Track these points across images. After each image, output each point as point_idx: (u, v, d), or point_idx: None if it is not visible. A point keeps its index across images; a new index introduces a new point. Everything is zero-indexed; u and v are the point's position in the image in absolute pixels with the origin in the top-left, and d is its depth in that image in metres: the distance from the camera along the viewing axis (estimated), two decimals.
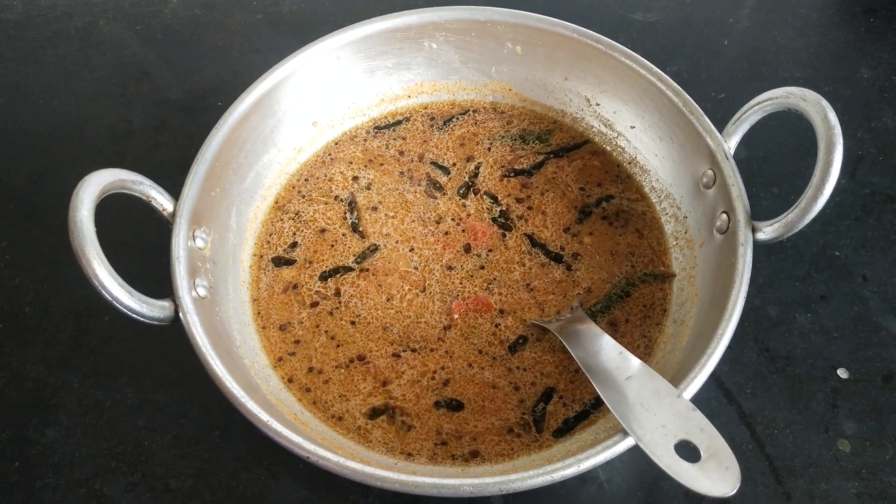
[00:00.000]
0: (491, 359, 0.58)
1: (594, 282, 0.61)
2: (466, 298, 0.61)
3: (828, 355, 0.61)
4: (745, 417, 0.58)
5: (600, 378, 0.51)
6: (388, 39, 0.69)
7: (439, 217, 0.66)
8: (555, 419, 0.55)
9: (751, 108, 0.56)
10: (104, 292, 0.47)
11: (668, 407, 0.46)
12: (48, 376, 0.62)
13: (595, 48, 0.66)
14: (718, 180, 0.58)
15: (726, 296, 0.51)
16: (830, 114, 0.50)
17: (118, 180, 0.51)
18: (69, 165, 0.75)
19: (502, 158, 0.69)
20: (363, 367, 0.58)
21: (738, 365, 0.61)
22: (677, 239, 0.63)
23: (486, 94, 0.73)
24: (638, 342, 0.58)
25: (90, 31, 0.88)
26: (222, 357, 0.50)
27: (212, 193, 0.59)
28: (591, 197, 0.66)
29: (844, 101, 0.77)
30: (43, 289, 0.66)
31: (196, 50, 0.85)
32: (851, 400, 0.59)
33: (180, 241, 0.54)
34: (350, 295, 0.61)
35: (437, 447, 0.54)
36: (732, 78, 0.80)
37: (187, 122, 0.79)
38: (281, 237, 0.65)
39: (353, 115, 0.72)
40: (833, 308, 0.64)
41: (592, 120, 0.70)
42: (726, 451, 0.43)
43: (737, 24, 0.85)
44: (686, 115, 0.60)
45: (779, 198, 0.70)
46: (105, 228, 0.49)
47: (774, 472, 0.56)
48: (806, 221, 0.51)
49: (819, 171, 0.50)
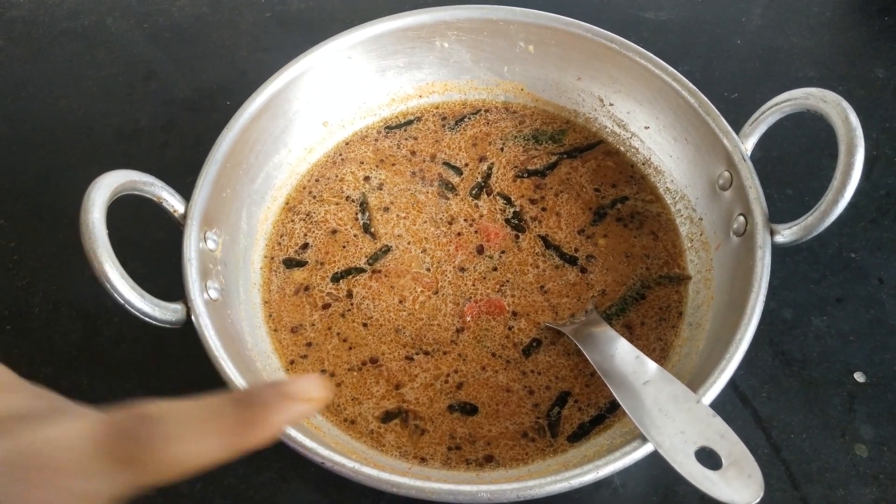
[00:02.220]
0: (505, 362, 0.57)
1: (609, 284, 0.61)
2: (479, 301, 0.60)
3: (844, 359, 0.60)
4: (761, 422, 0.58)
5: (617, 382, 0.50)
6: (399, 39, 0.68)
7: (452, 218, 0.65)
8: (570, 423, 0.54)
9: (769, 109, 0.55)
10: (116, 296, 0.46)
11: (687, 412, 0.45)
12: (57, 378, 0.61)
13: (609, 48, 0.65)
14: (735, 182, 0.57)
15: (744, 300, 0.51)
16: (851, 115, 0.50)
17: (129, 181, 0.51)
18: (77, 165, 0.75)
19: (515, 159, 0.68)
20: (376, 369, 0.57)
21: (753, 368, 0.60)
22: (692, 241, 0.62)
23: (498, 94, 0.72)
24: (653, 345, 0.58)
25: (97, 29, 0.87)
26: (234, 360, 0.50)
27: (222, 195, 0.59)
28: (606, 198, 0.66)
29: (859, 101, 0.75)
30: (51, 289, 0.66)
31: (204, 48, 0.85)
32: (868, 404, 0.58)
33: (192, 244, 0.53)
34: (362, 297, 0.61)
35: (450, 451, 0.53)
36: (745, 77, 0.79)
37: (195, 122, 0.78)
38: (292, 238, 0.64)
39: (364, 115, 0.71)
40: (849, 311, 0.63)
41: (606, 120, 0.69)
42: (748, 459, 0.42)
43: (749, 23, 0.85)
44: (702, 116, 0.60)
45: (793, 199, 0.69)
46: (114, 229, 0.48)
47: (791, 477, 0.55)
48: (825, 224, 0.51)
49: (840, 173, 0.49)
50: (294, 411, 0.28)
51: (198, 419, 0.26)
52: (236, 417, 0.27)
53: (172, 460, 0.25)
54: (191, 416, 0.26)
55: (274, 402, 0.27)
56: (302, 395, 0.28)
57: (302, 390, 0.28)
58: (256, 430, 0.27)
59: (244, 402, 0.27)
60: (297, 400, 0.28)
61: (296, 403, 0.28)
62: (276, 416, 0.27)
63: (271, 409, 0.27)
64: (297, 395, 0.28)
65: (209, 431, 0.26)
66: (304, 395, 0.28)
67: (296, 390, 0.28)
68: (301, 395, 0.28)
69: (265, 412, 0.27)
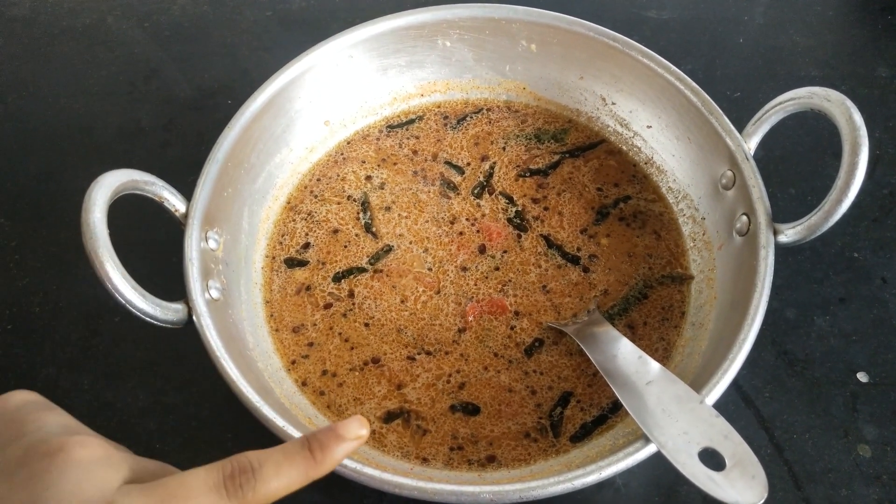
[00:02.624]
0: (507, 362, 0.57)
1: (611, 284, 0.61)
2: (481, 300, 0.60)
3: (847, 358, 0.60)
4: (764, 422, 0.58)
5: (619, 382, 0.50)
6: (401, 37, 0.68)
7: (453, 217, 0.65)
8: (572, 424, 0.54)
9: (772, 108, 0.55)
10: (118, 296, 0.46)
11: (690, 413, 0.45)
12: (58, 378, 0.61)
13: (611, 46, 0.65)
14: (738, 182, 0.57)
15: (748, 300, 0.51)
16: (856, 115, 0.50)
17: (131, 181, 0.51)
18: (77, 164, 0.74)
19: (517, 158, 0.68)
20: (377, 369, 0.57)
21: (756, 368, 0.60)
22: (695, 240, 0.62)
23: (500, 93, 0.72)
24: (656, 345, 0.57)
25: (98, 28, 0.87)
26: (236, 360, 0.49)
27: (224, 194, 0.58)
28: (609, 198, 0.65)
29: (861, 100, 0.75)
30: (52, 289, 0.66)
31: (205, 47, 0.84)
32: (871, 404, 0.58)
33: (193, 243, 0.53)
34: (364, 296, 0.60)
35: (452, 452, 0.53)
36: (747, 76, 0.79)
37: (196, 121, 0.78)
38: (293, 238, 0.64)
39: (366, 114, 0.71)
40: (852, 310, 0.63)
41: (608, 119, 0.69)
42: (752, 460, 0.42)
43: (751, 22, 0.84)
44: (705, 115, 0.59)
45: (796, 198, 0.69)
46: (115, 228, 0.48)
47: (794, 477, 0.55)
48: (829, 224, 0.50)
49: (844, 173, 0.49)
50: (347, 448, 0.38)
51: (282, 461, 0.36)
52: (305, 457, 0.36)
53: (265, 493, 0.35)
54: (276, 461, 0.36)
55: (332, 443, 0.37)
56: (351, 435, 0.38)
57: (351, 431, 0.38)
58: (321, 466, 0.37)
59: (311, 445, 0.37)
60: (347, 439, 0.38)
61: (345, 442, 0.38)
62: (335, 453, 0.37)
63: (330, 450, 0.37)
64: (347, 436, 0.38)
65: (288, 470, 0.36)
66: (352, 435, 0.38)
67: (346, 432, 0.38)
68: (350, 435, 0.38)
69: (324, 451, 0.37)
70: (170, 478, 0.34)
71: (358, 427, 0.38)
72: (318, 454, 0.37)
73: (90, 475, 0.33)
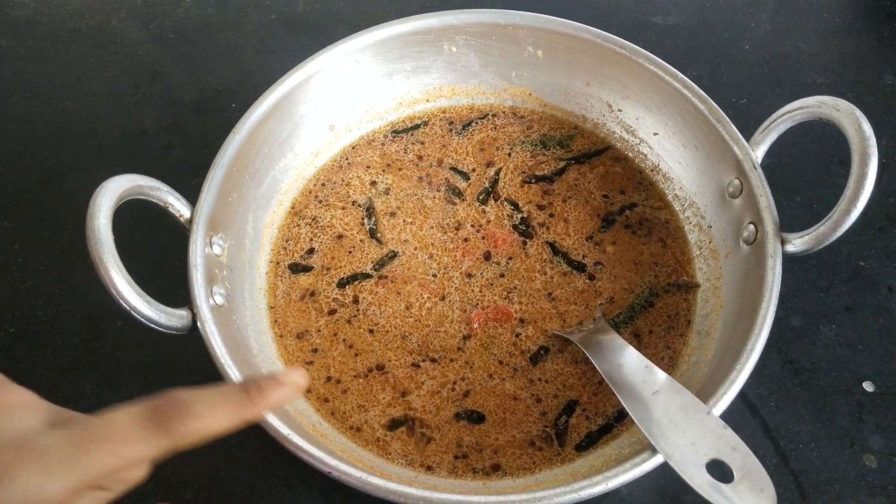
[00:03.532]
0: (512, 370, 0.57)
1: (617, 291, 0.60)
2: (486, 307, 0.60)
3: (853, 368, 0.60)
4: (769, 431, 0.57)
5: (625, 392, 0.50)
6: (407, 42, 0.67)
7: (458, 223, 0.64)
8: (577, 432, 0.54)
9: (780, 117, 0.55)
10: (122, 302, 0.46)
11: (697, 424, 0.45)
12: (60, 382, 0.61)
13: (618, 53, 0.65)
14: (746, 190, 0.56)
15: (755, 309, 0.50)
16: (865, 124, 0.49)
17: (135, 186, 0.50)
18: (81, 166, 0.74)
19: (523, 164, 0.68)
20: (382, 376, 0.57)
21: (762, 377, 0.60)
22: (701, 249, 0.62)
23: (506, 99, 0.72)
24: (662, 354, 0.57)
25: (102, 30, 0.86)
26: (240, 367, 0.49)
27: (228, 199, 0.58)
28: (615, 205, 0.65)
29: (868, 108, 0.74)
30: (55, 293, 0.65)
31: (209, 50, 0.84)
32: (877, 414, 0.58)
33: (198, 249, 0.53)
34: (368, 303, 0.60)
35: (457, 460, 0.53)
36: (753, 83, 0.79)
37: (200, 124, 0.78)
38: (298, 243, 0.64)
39: (371, 119, 0.71)
40: (858, 320, 0.62)
41: (614, 126, 0.69)
42: (760, 472, 0.42)
43: (757, 29, 0.84)
44: (712, 123, 0.59)
45: (802, 206, 0.69)
46: (119, 233, 0.48)
47: (799, 487, 0.55)
48: (838, 234, 0.50)
49: (853, 182, 0.49)
50: (283, 393, 0.37)
51: (214, 399, 0.35)
52: (241, 398, 0.36)
53: (197, 428, 0.34)
54: (209, 397, 0.35)
55: (269, 386, 0.37)
56: (289, 380, 0.38)
57: (289, 377, 0.38)
58: (256, 407, 0.36)
59: (248, 385, 0.37)
60: (284, 384, 0.38)
61: (283, 387, 0.37)
62: (271, 396, 0.37)
63: (265, 392, 0.37)
64: (285, 381, 0.38)
65: (222, 407, 0.35)
66: (290, 380, 0.38)
67: (284, 378, 0.38)
68: (287, 381, 0.38)
69: (261, 393, 0.37)
70: (93, 417, 0.34)
71: (296, 375, 0.39)
72: (255, 394, 0.36)
73: (10, 417, 0.33)
